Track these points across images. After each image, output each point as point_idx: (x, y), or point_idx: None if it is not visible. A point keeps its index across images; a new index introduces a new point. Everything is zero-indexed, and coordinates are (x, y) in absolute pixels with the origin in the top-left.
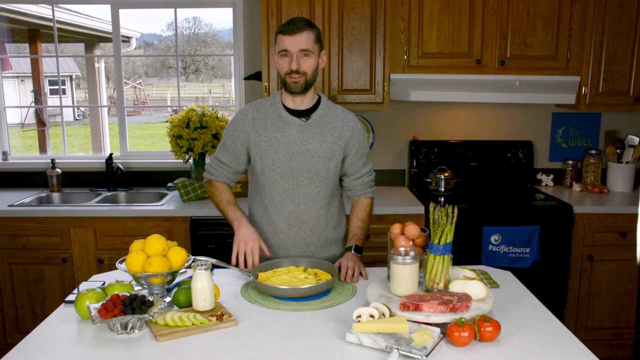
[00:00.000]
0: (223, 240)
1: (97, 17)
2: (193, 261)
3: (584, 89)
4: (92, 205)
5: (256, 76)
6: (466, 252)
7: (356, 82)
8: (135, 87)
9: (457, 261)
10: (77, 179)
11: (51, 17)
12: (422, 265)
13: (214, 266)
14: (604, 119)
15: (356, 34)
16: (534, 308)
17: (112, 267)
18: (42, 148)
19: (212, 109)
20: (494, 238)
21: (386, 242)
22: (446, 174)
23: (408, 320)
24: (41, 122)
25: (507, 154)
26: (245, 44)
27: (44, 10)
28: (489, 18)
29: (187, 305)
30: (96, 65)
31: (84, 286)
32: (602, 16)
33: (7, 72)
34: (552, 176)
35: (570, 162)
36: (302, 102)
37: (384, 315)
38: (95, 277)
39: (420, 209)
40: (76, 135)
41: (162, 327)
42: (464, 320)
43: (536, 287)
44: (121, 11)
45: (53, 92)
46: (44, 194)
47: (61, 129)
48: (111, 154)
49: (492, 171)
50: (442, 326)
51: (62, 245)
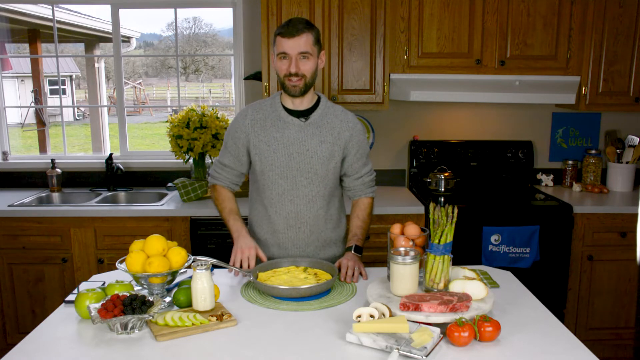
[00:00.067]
0: (223, 240)
1: (97, 17)
2: (193, 261)
3: (584, 89)
4: (92, 205)
5: (256, 76)
6: (466, 252)
7: (356, 82)
8: (135, 87)
9: (457, 261)
10: (77, 179)
11: (51, 17)
12: (422, 265)
13: (214, 266)
14: (604, 119)
15: (356, 34)
16: (534, 308)
17: (112, 267)
18: (42, 148)
19: (212, 109)
20: (494, 238)
21: (386, 242)
22: (446, 174)
23: (408, 320)
24: (41, 122)
25: (507, 154)
26: (245, 44)
27: (44, 10)
28: (489, 18)
29: (187, 305)
30: (96, 65)
31: (84, 286)
32: (602, 16)
33: (7, 72)
34: (552, 176)
35: (570, 162)
36: (301, 102)
37: (384, 315)
38: (95, 277)
39: (420, 209)
40: (76, 135)
41: (162, 327)
42: (464, 320)
43: (536, 287)
44: (121, 11)
45: (53, 92)
46: (44, 194)
47: (61, 129)
48: (111, 154)
49: (492, 171)
50: (442, 326)
51: (62, 245)
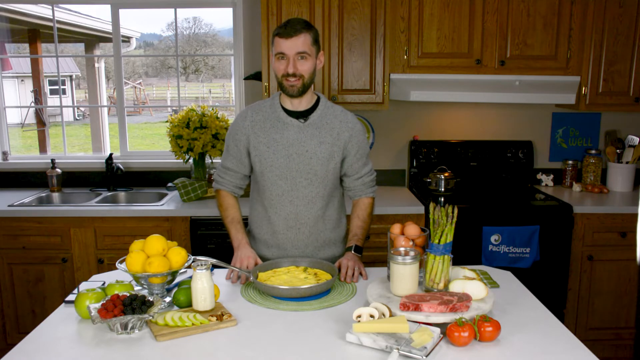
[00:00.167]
0: (223, 240)
1: (97, 17)
2: (193, 261)
3: (584, 89)
4: (92, 205)
5: (256, 76)
6: (466, 252)
7: (356, 82)
8: (135, 87)
9: (457, 261)
10: (77, 179)
11: (51, 17)
12: (422, 265)
13: (214, 266)
14: (604, 119)
15: (356, 34)
16: (534, 308)
17: (112, 267)
18: (42, 148)
19: (212, 109)
20: (494, 238)
21: (386, 242)
22: (446, 174)
23: (408, 320)
24: (41, 122)
25: (507, 154)
26: (245, 44)
27: (44, 10)
28: (489, 18)
29: (187, 305)
30: (96, 65)
31: (84, 286)
32: (602, 16)
33: (7, 72)
34: (552, 176)
35: (570, 162)
36: (300, 103)
37: (384, 315)
38: (95, 277)
39: (420, 209)
40: (76, 135)
41: (162, 327)
42: (464, 320)
43: (536, 287)
44: (121, 11)
45: (53, 92)
46: (44, 194)
47: (61, 129)
48: (111, 154)
49: (492, 171)
50: (442, 326)
51: (62, 245)
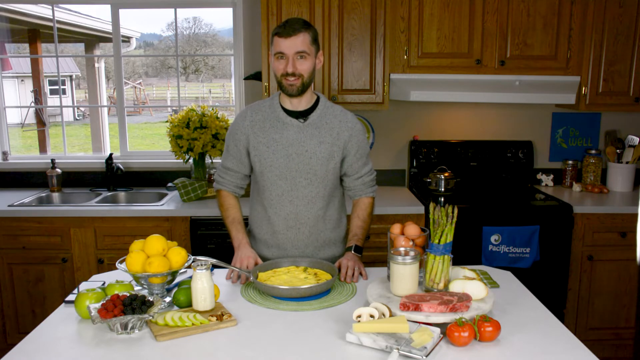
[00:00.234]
0: (223, 240)
1: (97, 17)
2: (193, 261)
3: (584, 89)
4: (92, 205)
5: (256, 76)
6: (466, 252)
7: (356, 82)
8: (135, 87)
9: (457, 261)
10: (77, 179)
11: (51, 17)
12: (422, 265)
13: (214, 266)
14: (604, 119)
15: (356, 34)
16: (534, 308)
17: (112, 267)
18: (42, 148)
19: (212, 109)
20: (494, 238)
21: (386, 242)
22: (446, 174)
23: (408, 320)
24: (41, 122)
25: (507, 154)
26: (245, 44)
27: (44, 10)
28: (489, 18)
29: (187, 305)
30: (96, 65)
31: (84, 286)
32: (602, 16)
33: (7, 72)
34: (552, 176)
35: (570, 162)
36: (299, 103)
37: (384, 315)
38: (95, 277)
39: (420, 209)
40: (76, 135)
41: (162, 327)
42: (464, 320)
43: (536, 287)
44: (121, 11)
45: (53, 92)
46: (44, 194)
47: (61, 129)
48: (111, 154)
49: (492, 171)
50: (442, 326)
51: (62, 245)
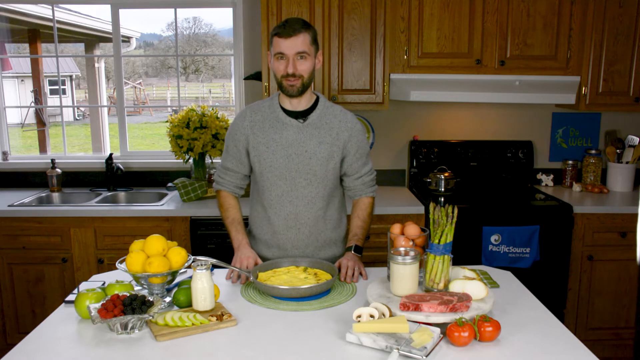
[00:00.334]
0: (223, 240)
1: (97, 17)
2: (193, 261)
3: (584, 89)
4: (92, 205)
5: (256, 76)
6: (466, 252)
7: (356, 82)
8: (135, 87)
9: (457, 261)
10: (77, 179)
11: (51, 17)
12: (422, 265)
13: (214, 266)
14: (604, 119)
15: (356, 34)
16: (534, 308)
17: (112, 267)
18: (42, 148)
19: (212, 109)
20: (494, 238)
21: (386, 242)
22: (446, 174)
23: (408, 320)
24: (41, 122)
25: (507, 154)
26: (245, 44)
27: (44, 10)
28: (489, 18)
29: (187, 305)
30: (96, 65)
31: (84, 286)
32: (602, 16)
33: (7, 72)
34: (552, 176)
35: (570, 162)
36: (299, 103)
37: (384, 315)
38: (95, 277)
39: (420, 209)
40: (76, 135)
41: (162, 327)
42: (464, 320)
43: (536, 287)
44: (121, 11)
45: (53, 92)
46: (44, 194)
47: (61, 129)
48: (111, 154)
49: (492, 171)
50: (442, 326)
51: (62, 245)
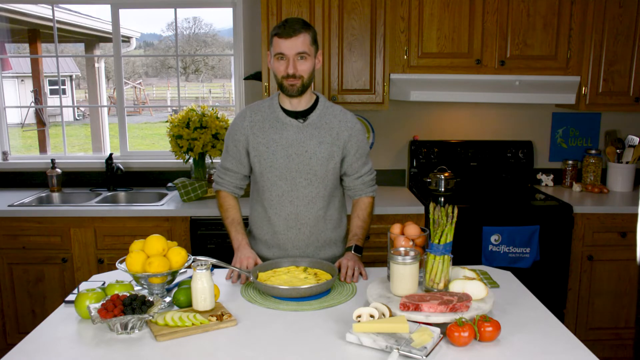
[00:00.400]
0: (223, 240)
1: (97, 17)
2: (193, 261)
3: (584, 89)
4: (92, 205)
5: (256, 76)
6: (466, 252)
7: (356, 82)
8: (135, 87)
9: (457, 261)
10: (77, 179)
11: (51, 17)
12: (422, 265)
13: (214, 266)
14: (604, 119)
15: (356, 34)
16: (534, 308)
17: (112, 267)
18: (42, 148)
19: (212, 109)
20: (494, 238)
21: (386, 242)
22: (446, 174)
23: (408, 320)
24: (41, 122)
25: (507, 154)
26: (245, 44)
27: (44, 10)
28: (489, 18)
29: (187, 305)
30: (96, 65)
31: (84, 286)
32: (602, 16)
33: (7, 72)
34: (552, 176)
35: (570, 162)
36: (299, 103)
37: (384, 315)
38: (95, 277)
39: (420, 209)
40: (76, 135)
41: (162, 327)
42: (464, 320)
43: (536, 287)
44: (121, 11)
45: (53, 92)
46: (44, 194)
47: (61, 129)
48: (111, 154)
49: (492, 171)
50: (442, 326)
51: (62, 245)
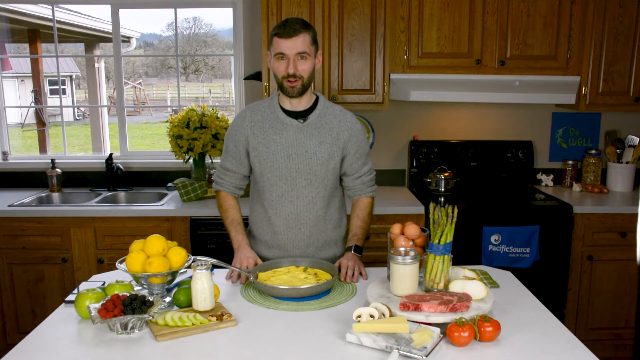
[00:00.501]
0: (223, 240)
1: (97, 17)
2: (193, 261)
3: (584, 89)
4: (92, 205)
5: (256, 76)
6: (466, 252)
7: (356, 82)
8: (135, 87)
9: (457, 261)
10: (77, 179)
11: (51, 17)
12: (422, 265)
13: (214, 266)
14: (604, 119)
15: (356, 34)
16: (534, 308)
17: (112, 267)
18: (42, 148)
19: (212, 109)
20: (494, 238)
21: (386, 242)
22: (446, 174)
23: (408, 320)
24: (41, 122)
25: (507, 154)
26: (245, 44)
27: (44, 10)
28: (489, 18)
29: (187, 305)
30: (96, 65)
31: (84, 286)
32: (602, 16)
33: (7, 72)
34: (552, 176)
35: (570, 162)
36: (299, 103)
37: (384, 315)
38: (95, 277)
39: (420, 209)
40: (76, 135)
41: (162, 327)
42: (464, 320)
43: (536, 287)
44: (121, 11)
45: (53, 92)
46: (44, 194)
47: (61, 129)
48: (111, 154)
49: (492, 171)
50: (442, 326)
51: (62, 245)
